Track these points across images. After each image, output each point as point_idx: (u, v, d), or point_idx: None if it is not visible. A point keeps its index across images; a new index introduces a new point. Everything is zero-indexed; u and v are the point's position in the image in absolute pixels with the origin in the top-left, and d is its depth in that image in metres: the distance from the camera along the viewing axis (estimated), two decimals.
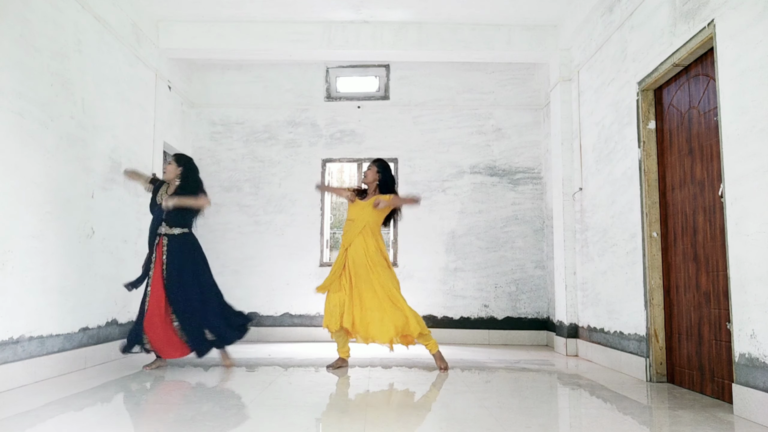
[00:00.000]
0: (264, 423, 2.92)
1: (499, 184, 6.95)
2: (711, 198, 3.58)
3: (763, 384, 2.91)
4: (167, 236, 4.50)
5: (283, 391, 3.77)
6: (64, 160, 4.31)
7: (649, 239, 4.20)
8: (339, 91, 7.20)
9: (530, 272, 6.81)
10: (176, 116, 6.66)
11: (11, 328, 3.70)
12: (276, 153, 7.07)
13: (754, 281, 2.99)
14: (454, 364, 4.99)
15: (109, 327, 4.97)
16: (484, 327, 6.75)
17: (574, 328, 5.68)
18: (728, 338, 3.37)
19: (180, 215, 4.51)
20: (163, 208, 4.46)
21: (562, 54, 5.95)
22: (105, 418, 2.99)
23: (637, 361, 4.31)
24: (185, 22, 5.99)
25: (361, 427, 2.90)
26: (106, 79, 4.95)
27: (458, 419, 3.07)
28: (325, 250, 7.04)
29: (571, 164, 5.83)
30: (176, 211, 4.49)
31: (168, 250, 4.47)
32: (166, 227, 4.50)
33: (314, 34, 6.03)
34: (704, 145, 3.66)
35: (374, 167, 4.81)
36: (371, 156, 7.08)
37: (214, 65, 7.17)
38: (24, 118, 3.84)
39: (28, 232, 3.88)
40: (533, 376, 4.47)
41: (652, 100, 4.30)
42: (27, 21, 3.91)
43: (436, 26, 6.01)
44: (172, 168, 4.59)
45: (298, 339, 6.74)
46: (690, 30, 3.61)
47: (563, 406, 3.53)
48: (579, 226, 5.64)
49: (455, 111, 7.08)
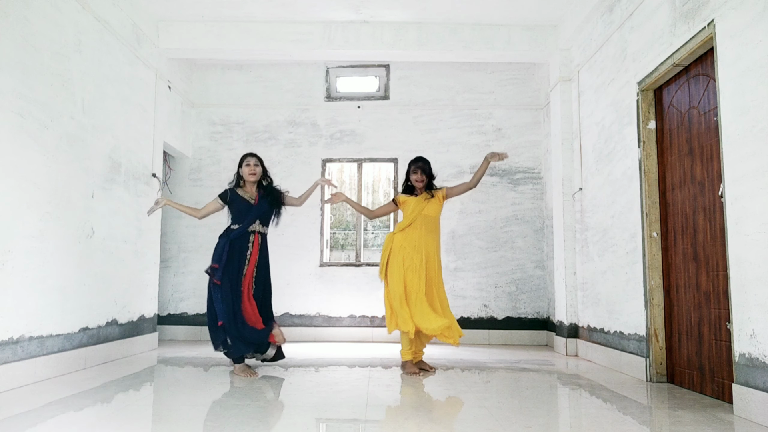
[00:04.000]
0: (264, 423, 2.91)
1: (499, 184, 6.95)
2: (711, 198, 3.58)
3: (763, 384, 2.90)
4: (261, 234, 4.49)
5: (283, 391, 3.77)
6: (64, 160, 4.31)
7: (649, 239, 4.20)
8: (339, 91, 7.20)
9: (530, 272, 6.81)
10: (176, 116, 6.66)
11: (11, 328, 3.70)
12: (276, 153, 7.07)
13: (754, 281, 2.99)
14: (454, 363, 4.99)
15: (109, 327, 4.97)
16: (484, 327, 6.75)
17: (574, 328, 5.68)
18: (728, 338, 3.37)
19: (269, 215, 4.55)
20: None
21: (562, 54, 5.95)
22: (105, 418, 2.99)
23: (637, 361, 4.31)
24: (185, 22, 5.99)
25: (361, 427, 2.90)
26: (106, 79, 4.95)
27: (458, 419, 3.07)
28: (325, 250, 7.04)
29: (571, 164, 5.83)
30: (267, 211, 4.50)
31: (261, 248, 4.47)
32: (260, 226, 4.49)
33: (314, 34, 6.03)
34: (704, 145, 3.66)
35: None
36: (371, 156, 7.09)
37: (214, 65, 7.17)
38: (24, 118, 3.84)
39: (28, 232, 3.88)
40: (533, 376, 4.47)
41: (652, 100, 4.30)
42: (27, 21, 3.90)
43: (436, 26, 6.01)
44: (259, 169, 4.54)
45: (298, 339, 6.74)
46: (690, 30, 3.61)
47: (563, 406, 3.53)
48: (579, 226, 5.64)
49: (455, 111, 7.08)
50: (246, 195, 4.52)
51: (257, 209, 4.46)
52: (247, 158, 4.56)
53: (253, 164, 4.52)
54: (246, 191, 4.54)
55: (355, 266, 6.99)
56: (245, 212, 4.45)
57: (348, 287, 6.89)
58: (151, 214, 4.67)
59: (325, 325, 6.84)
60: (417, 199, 4.66)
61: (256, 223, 4.45)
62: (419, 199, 4.65)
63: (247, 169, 4.52)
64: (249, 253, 4.40)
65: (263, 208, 4.49)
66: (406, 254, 4.51)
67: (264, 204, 4.50)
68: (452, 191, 4.73)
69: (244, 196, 4.51)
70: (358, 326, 6.83)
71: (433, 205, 4.65)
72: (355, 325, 6.84)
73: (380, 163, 7.35)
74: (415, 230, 4.58)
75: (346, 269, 6.98)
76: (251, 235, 4.44)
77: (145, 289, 5.68)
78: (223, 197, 4.54)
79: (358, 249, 7.17)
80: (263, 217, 4.50)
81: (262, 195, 4.53)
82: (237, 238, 4.38)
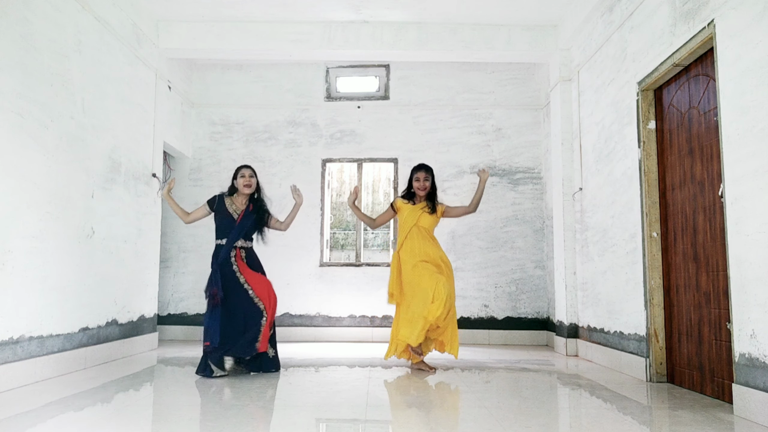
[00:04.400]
0: (264, 423, 2.92)
1: (499, 184, 6.94)
2: (711, 198, 3.57)
3: (763, 384, 2.90)
4: (243, 249, 4.45)
5: (283, 391, 3.77)
6: (64, 161, 4.30)
7: (649, 239, 4.20)
8: (339, 91, 7.20)
9: (530, 272, 6.81)
10: (176, 116, 6.66)
11: (11, 328, 3.70)
12: (276, 153, 7.07)
13: (754, 281, 2.99)
14: (454, 364, 4.99)
15: (109, 327, 4.97)
16: (484, 327, 6.75)
17: (574, 328, 5.68)
18: (728, 338, 3.37)
19: (252, 232, 4.50)
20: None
21: (562, 54, 5.95)
22: (105, 418, 2.99)
23: (637, 361, 4.31)
24: (185, 22, 5.99)
25: (361, 426, 2.90)
26: (106, 79, 4.95)
27: (458, 419, 3.07)
28: (325, 250, 7.04)
29: (571, 164, 5.83)
30: (250, 229, 4.46)
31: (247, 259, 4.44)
32: (243, 241, 4.44)
33: (314, 34, 6.03)
34: (704, 145, 3.66)
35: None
36: (371, 156, 7.09)
37: (214, 65, 7.17)
38: (24, 118, 3.84)
39: (28, 232, 3.88)
40: (533, 376, 4.47)
41: (652, 100, 4.30)
42: (27, 21, 3.90)
43: (436, 26, 6.01)
44: (254, 180, 4.51)
45: (298, 339, 6.74)
46: (690, 30, 3.61)
47: (563, 406, 3.53)
48: (579, 226, 5.64)
49: (455, 111, 7.08)
50: (232, 208, 4.46)
51: (239, 227, 4.41)
52: (242, 170, 4.52)
53: (248, 176, 4.50)
54: (234, 202, 4.50)
55: (355, 266, 6.99)
56: (227, 228, 4.41)
57: (348, 287, 6.90)
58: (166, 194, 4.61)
59: (325, 325, 6.84)
60: (413, 207, 4.66)
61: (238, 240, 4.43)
62: (415, 208, 4.65)
63: (242, 180, 4.49)
64: (236, 271, 4.33)
65: (245, 227, 4.44)
66: (416, 262, 4.53)
67: (247, 222, 4.45)
68: (450, 212, 4.75)
69: (230, 209, 4.46)
70: (358, 326, 6.83)
71: (429, 218, 4.65)
72: (355, 325, 6.84)
73: (380, 163, 7.35)
74: (412, 241, 4.61)
75: (346, 269, 6.98)
76: (233, 250, 4.38)
77: (145, 289, 5.68)
78: (211, 204, 4.53)
79: (358, 249, 7.17)
80: (245, 234, 4.46)
81: (248, 212, 4.48)
82: (222, 264, 4.33)
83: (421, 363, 4.63)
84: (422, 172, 4.66)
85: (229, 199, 4.51)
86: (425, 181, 4.65)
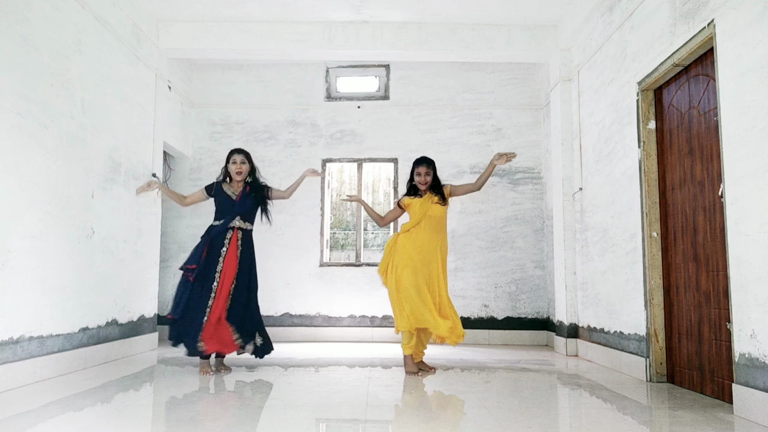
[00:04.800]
0: (264, 423, 2.92)
1: (499, 184, 6.94)
2: (711, 198, 3.57)
3: (763, 384, 2.90)
4: (242, 230, 4.44)
5: (283, 391, 3.77)
6: (64, 160, 4.30)
7: (649, 239, 4.20)
8: (339, 91, 7.20)
9: (530, 272, 6.81)
10: (176, 116, 6.66)
11: (11, 328, 3.70)
12: (276, 153, 7.07)
13: (754, 281, 2.99)
14: (454, 363, 4.99)
15: (109, 327, 4.97)
16: (484, 327, 6.75)
17: (574, 328, 5.68)
18: (728, 338, 3.37)
19: (253, 211, 4.50)
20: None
21: (562, 54, 5.95)
22: (105, 418, 2.99)
23: (637, 361, 4.31)
24: (185, 22, 5.99)
25: (361, 427, 2.90)
26: (106, 79, 4.95)
27: (458, 419, 3.07)
28: (325, 250, 7.04)
29: (571, 164, 5.83)
30: (251, 208, 4.47)
31: (243, 244, 4.42)
32: (242, 221, 4.43)
33: (314, 34, 6.03)
34: (704, 145, 3.66)
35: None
36: (371, 156, 7.09)
37: (214, 65, 7.17)
38: (24, 118, 3.84)
39: (28, 232, 3.88)
40: (533, 376, 4.47)
41: (652, 100, 4.30)
42: (27, 21, 3.90)
43: (436, 26, 6.01)
44: (246, 167, 4.51)
45: (298, 339, 6.74)
46: (690, 30, 3.61)
47: (563, 406, 3.53)
48: (579, 226, 5.64)
49: (455, 111, 7.08)
50: (230, 191, 4.49)
51: (239, 206, 4.42)
52: (234, 155, 4.51)
53: (239, 162, 4.49)
54: (231, 187, 4.52)
55: (355, 266, 6.99)
56: (227, 209, 4.43)
57: (348, 287, 6.89)
58: (140, 194, 4.66)
59: (325, 325, 6.84)
60: (422, 200, 4.63)
61: (236, 220, 4.41)
62: (424, 200, 4.62)
63: (233, 167, 4.49)
64: (224, 249, 4.34)
65: (246, 206, 4.45)
66: (407, 254, 4.50)
67: (247, 201, 4.46)
68: (457, 190, 4.70)
69: (228, 191, 4.48)
70: (358, 326, 6.83)
71: (438, 205, 4.61)
72: (355, 325, 6.84)
73: (380, 163, 7.35)
74: (421, 231, 4.55)
75: (346, 269, 6.98)
76: (229, 231, 4.38)
77: (145, 289, 5.68)
78: (208, 190, 4.56)
79: (358, 249, 7.17)
80: (245, 214, 4.46)
81: (246, 192, 4.49)
82: (215, 237, 4.36)
83: (421, 363, 4.62)
84: (423, 166, 4.65)
85: (226, 185, 4.54)
86: (426, 176, 4.65)
